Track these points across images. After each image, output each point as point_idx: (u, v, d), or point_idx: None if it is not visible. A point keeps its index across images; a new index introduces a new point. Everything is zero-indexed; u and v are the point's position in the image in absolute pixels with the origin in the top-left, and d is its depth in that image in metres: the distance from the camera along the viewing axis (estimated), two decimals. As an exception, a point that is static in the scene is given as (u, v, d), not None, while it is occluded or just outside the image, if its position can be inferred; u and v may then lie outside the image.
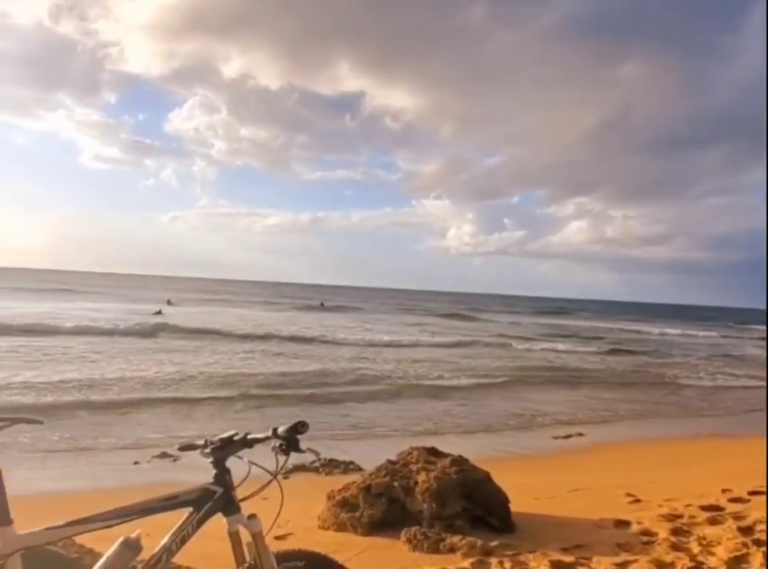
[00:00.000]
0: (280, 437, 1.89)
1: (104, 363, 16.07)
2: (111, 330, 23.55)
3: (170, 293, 58.71)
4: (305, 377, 15.70)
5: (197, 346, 20.99)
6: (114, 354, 17.82)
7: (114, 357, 17.20)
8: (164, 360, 17.01)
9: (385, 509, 5.01)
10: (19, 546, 1.73)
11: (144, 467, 7.92)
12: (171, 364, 16.33)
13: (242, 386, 13.94)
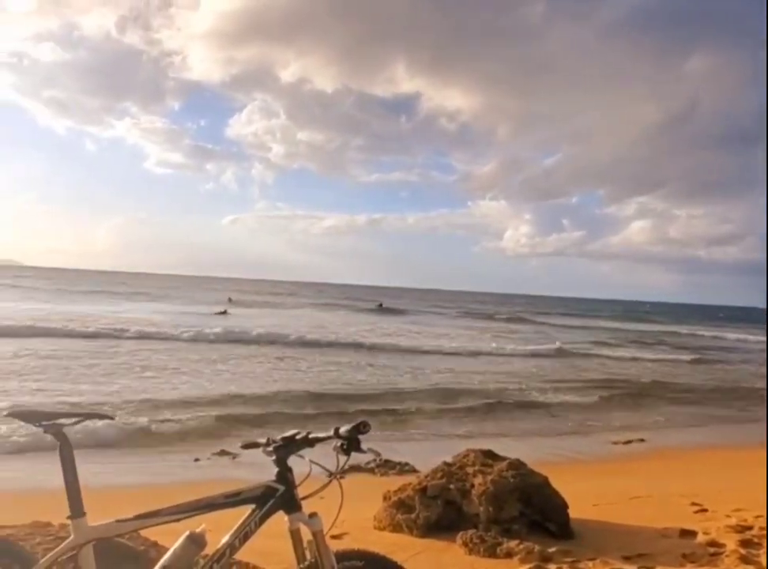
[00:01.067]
0: (342, 437, 1.91)
1: (187, 376, 14.94)
2: (190, 337, 22.41)
3: (231, 294, 59.20)
4: (411, 395, 14.02)
5: (278, 355, 19.69)
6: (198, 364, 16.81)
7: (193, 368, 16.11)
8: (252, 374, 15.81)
9: (441, 511, 4.99)
10: (91, 537, 1.80)
11: (204, 464, 8.12)
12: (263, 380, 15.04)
13: (348, 404, 12.75)
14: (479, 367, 20.17)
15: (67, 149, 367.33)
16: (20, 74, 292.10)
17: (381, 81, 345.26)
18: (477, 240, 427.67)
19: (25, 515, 3.38)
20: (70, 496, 1.80)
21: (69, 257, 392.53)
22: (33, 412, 1.79)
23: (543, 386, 16.33)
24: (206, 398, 12.00)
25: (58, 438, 1.80)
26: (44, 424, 1.78)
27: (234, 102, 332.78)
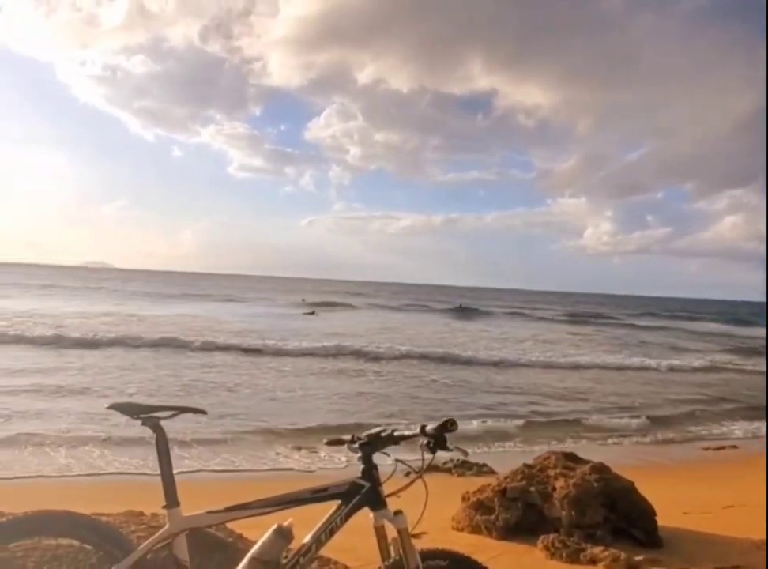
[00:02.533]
0: (428, 435, 1.90)
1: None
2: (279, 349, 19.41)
3: (315, 295, 59.87)
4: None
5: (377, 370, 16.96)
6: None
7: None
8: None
9: (521, 514, 4.91)
10: (185, 527, 1.87)
11: (284, 459, 8.30)
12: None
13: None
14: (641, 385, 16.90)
15: (156, 156, 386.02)
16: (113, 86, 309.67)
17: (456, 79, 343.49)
18: (556, 239, 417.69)
19: (120, 504, 3.56)
20: (166, 487, 1.87)
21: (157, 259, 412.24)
22: (132, 406, 1.87)
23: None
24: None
25: (155, 431, 1.87)
26: (142, 417, 1.86)
27: (312, 106, 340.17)
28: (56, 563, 2.39)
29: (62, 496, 5.85)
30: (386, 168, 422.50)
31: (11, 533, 1.86)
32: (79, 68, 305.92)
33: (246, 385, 13.43)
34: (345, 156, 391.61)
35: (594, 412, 12.60)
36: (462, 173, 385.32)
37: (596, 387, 16.10)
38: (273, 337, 22.10)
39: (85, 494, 6.04)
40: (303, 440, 9.12)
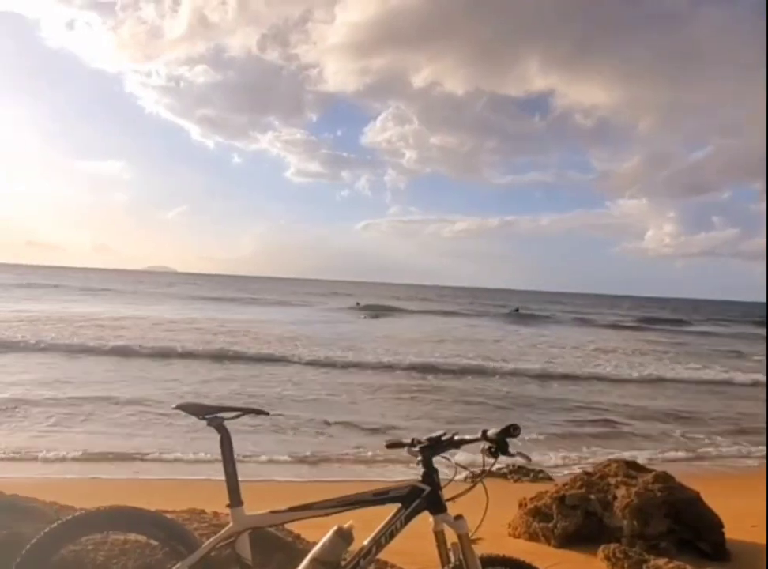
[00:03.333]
0: (490, 439, 1.88)
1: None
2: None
3: (370, 299, 59.15)
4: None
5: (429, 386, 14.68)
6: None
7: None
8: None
9: (581, 522, 4.80)
10: (248, 526, 1.90)
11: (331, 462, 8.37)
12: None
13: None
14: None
15: (216, 163, 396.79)
16: (176, 96, 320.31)
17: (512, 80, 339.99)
18: (616, 241, 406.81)
19: (183, 502, 3.66)
20: (230, 486, 1.91)
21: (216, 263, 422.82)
22: (198, 406, 1.92)
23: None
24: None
25: (220, 431, 1.91)
26: (207, 418, 1.91)
27: (368, 110, 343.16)
28: (124, 558, 2.48)
29: (128, 493, 6.06)
30: (442, 171, 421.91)
31: (82, 528, 1.94)
32: (145, 79, 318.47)
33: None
34: (401, 159, 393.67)
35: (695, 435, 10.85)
36: (519, 175, 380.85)
37: (694, 406, 13.93)
38: (325, 347, 20.49)
39: (150, 491, 6.22)
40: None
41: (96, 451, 7.84)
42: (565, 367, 19.01)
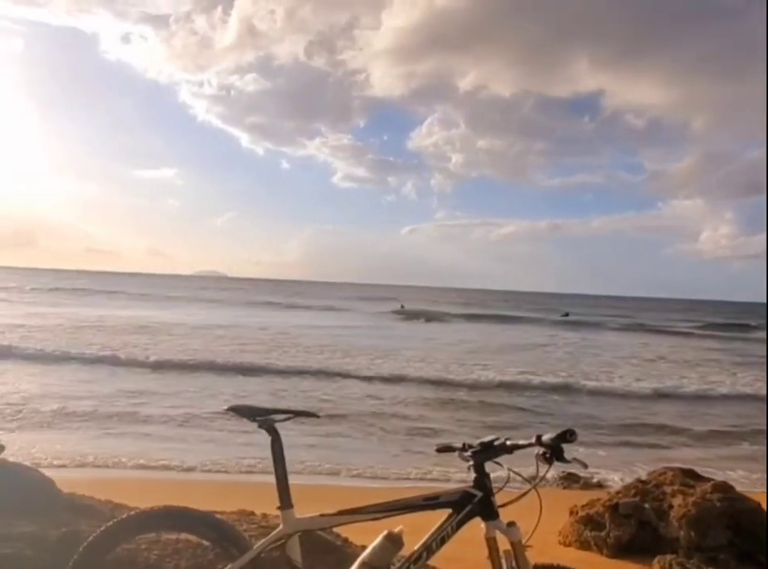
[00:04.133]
0: (545, 445, 1.84)
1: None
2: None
3: (415, 303, 58.17)
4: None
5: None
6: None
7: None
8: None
9: (634, 531, 4.67)
10: (298, 528, 1.90)
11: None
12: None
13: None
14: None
15: (265, 169, 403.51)
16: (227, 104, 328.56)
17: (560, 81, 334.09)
18: (669, 243, 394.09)
19: (232, 503, 3.69)
20: (280, 489, 1.91)
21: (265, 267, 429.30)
22: (249, 408, 1.93)
23: None
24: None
25: (271, 434, 1.92)
26: (258, 420, 1.92)
27: (415, 115, 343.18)
28: (176, 557, 2.51)
29: (178, 494, 6.17)
30: (489, 175, 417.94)
31: (138, 527, 1.97)
32: (197, 89, 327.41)
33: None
34: (447, 163, 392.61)
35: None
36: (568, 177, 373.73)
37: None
38: (387, 358, 18.88)
39: (200, 492, 6.32)
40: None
41: (150, 454, 8.04)
42: (629, 377, 17.23)
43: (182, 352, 17.72)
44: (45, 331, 21.04)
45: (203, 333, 23.51)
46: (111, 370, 14.68)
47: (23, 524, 2.60)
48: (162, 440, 8.77)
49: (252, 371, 15.43)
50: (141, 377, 14.02)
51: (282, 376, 15.13)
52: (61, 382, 12.61)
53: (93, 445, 8.26)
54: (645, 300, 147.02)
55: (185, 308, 39.21)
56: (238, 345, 20.28)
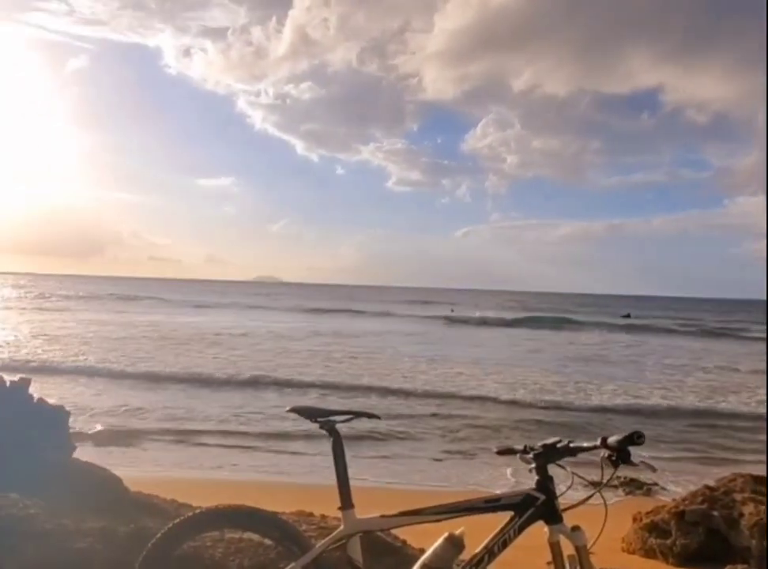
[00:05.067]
0: (610, 447, 1.79)
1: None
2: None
3: (453, 307, 56.60)
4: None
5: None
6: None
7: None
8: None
9: (703, 540, 4.50)
10: (359, 529, 1.91)
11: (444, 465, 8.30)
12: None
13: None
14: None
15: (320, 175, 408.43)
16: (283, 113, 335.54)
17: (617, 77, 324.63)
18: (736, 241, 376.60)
19: (290, 503, 3.74)
20: (341, 489, 1.92)
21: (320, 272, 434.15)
22: (310, 409, 1.95)
23: None
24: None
25: (331, 435, 1.93)
26: (319, 421, 1.93)
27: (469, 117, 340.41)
28: (240, 556, 2.56)
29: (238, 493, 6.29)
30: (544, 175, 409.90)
31: (204, 525, 2.02)
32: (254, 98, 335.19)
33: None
34: (502, 165, 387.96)
35: None
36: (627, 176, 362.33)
37: None
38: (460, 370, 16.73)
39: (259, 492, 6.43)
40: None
41: (209, 454, 8.23)
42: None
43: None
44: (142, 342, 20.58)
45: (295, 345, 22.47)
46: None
47: (94, 520, 2.69)
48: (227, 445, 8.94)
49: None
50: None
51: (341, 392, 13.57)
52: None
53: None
54: (711, 301, 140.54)
55: (266, 316, 38.65)
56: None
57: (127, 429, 9.31)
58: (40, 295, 53.14)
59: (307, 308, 49.99)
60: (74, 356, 16.57)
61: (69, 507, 2.78)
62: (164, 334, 23.68)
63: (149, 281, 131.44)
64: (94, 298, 52.16)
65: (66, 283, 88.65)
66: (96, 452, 7.70)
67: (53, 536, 2.38)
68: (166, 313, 36.93)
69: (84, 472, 3.41)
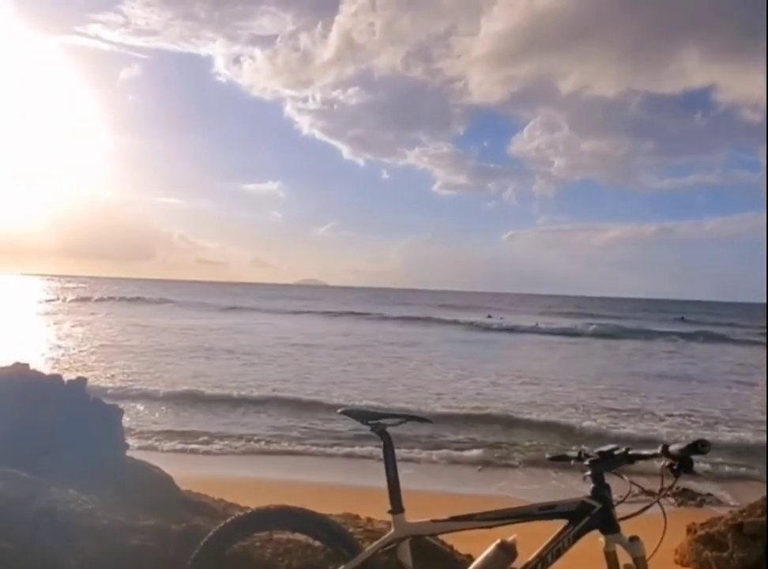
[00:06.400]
0: (672, 456, 1.74)
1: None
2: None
3: (491, 312, 54.32)
4: None
5: None
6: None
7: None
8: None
9: (761, 554, 4.32)
10: (410, 533, 1.89)
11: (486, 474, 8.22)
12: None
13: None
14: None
15: (365, 180, 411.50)
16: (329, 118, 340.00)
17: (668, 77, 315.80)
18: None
19: (335, 506, 3.74)
20: (391, 492, 1.91)
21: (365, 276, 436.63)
22: (362, 412, 1.95)
23: None
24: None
25: (383, 438, 1.92)
26: (371, 423, 1.93)
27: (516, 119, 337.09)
28: (288, 556, 2.58)
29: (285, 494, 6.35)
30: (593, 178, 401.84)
31: (255, 525, 2.04)
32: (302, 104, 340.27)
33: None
34: (549, 168, 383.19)
35: None
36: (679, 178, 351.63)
37: None
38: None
39: (305, 493, 6.47)
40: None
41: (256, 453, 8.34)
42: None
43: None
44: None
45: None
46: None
47: (146, 517, 2.75)
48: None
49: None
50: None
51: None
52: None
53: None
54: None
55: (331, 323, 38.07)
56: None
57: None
58: (103, 298, 53.10)
59: (350, 311, 49.43)
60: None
61: (123, 504, 2.85)
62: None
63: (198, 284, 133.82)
64: (158, 302, 51.95)
65: (127, 286, 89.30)
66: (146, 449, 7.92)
67: (109, 532, 2.44)
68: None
69: (136, 470, 3.49)
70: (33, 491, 2.53)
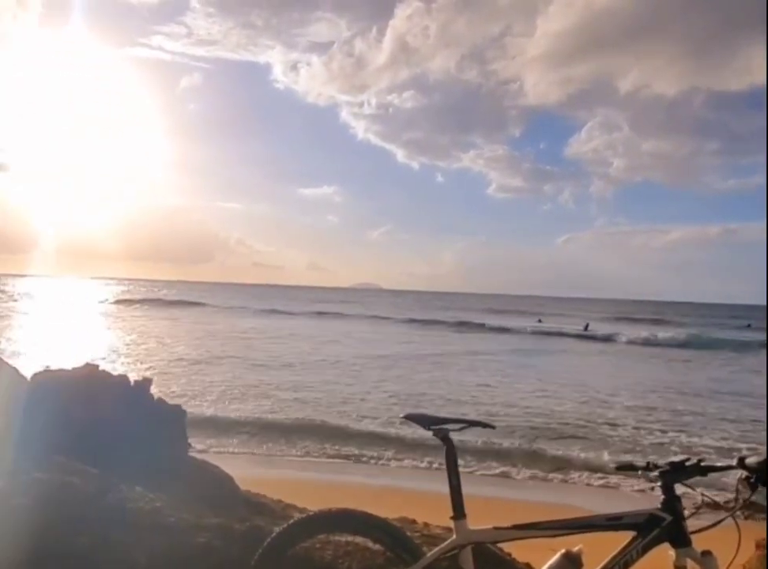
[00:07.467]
0: (748, 468, 1.68)
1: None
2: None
3: (542, 317, 52.86)
4: None
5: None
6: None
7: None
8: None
9: (838, 573, 4.10)
10: (472, 539, 1.88)
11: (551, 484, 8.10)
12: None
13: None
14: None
15: (420, 183, 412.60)
16: (384, 122, 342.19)
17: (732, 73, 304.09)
18: None
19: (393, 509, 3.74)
20: (454, 498, 1.90)
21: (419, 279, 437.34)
22: (425, 417, 1.95)
23: None
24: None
25: (445, 443, 1.92)
26: (433, 428, 1.93)
27: (573, 121, 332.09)
28: (348, 559, 2.59)
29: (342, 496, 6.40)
30: (654, 179, 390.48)
31: (318, 527, 2.05)
32: (357, 109, 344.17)
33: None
34: (608, 169, 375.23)
35: None
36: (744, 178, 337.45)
37: None
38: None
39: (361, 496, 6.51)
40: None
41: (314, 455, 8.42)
42: None
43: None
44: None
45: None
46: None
47: (209, 516, 2.81)
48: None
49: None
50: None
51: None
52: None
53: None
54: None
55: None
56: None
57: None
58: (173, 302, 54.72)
59: (407, 319, 47.59)
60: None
61: (187, 503, 2.92)
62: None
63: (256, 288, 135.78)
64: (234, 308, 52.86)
65: (187, 291, 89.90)
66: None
67: (176, 529, 2.50)
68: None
69: (198, 469, 3.57)
70: (105, 488, 2.62)
